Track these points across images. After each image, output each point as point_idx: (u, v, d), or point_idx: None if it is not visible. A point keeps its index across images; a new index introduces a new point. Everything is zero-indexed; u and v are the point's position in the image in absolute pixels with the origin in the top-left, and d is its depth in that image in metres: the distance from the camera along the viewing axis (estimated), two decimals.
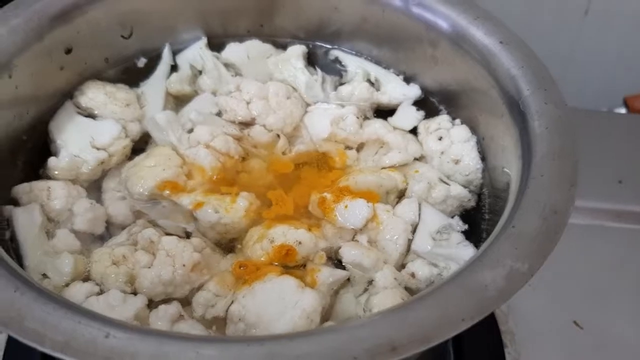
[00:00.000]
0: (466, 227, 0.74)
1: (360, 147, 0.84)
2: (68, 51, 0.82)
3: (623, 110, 1.50)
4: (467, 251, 0.70)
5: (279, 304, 0.63)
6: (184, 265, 0.66)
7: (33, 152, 0.79)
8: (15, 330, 0.48)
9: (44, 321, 0.49)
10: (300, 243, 0.69)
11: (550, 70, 0.81)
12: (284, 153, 0.82)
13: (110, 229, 0.75)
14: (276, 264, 0.69)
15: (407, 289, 0.68)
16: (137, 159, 0.78)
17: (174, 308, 0.63)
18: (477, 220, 0.76)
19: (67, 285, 0.66)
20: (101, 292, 0.65)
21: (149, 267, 0.66)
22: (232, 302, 0.65)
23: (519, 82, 0.72)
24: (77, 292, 0.64)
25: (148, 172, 0.75)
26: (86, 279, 0.68)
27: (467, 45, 0.79)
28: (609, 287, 1.08)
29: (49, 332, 0.48)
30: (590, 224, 1.17)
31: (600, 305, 1.06)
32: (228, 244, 0.74)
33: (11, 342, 0.87)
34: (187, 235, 0.73)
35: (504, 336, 0.99)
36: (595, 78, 1.69)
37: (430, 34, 0.83)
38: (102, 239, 0.74)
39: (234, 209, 0.72)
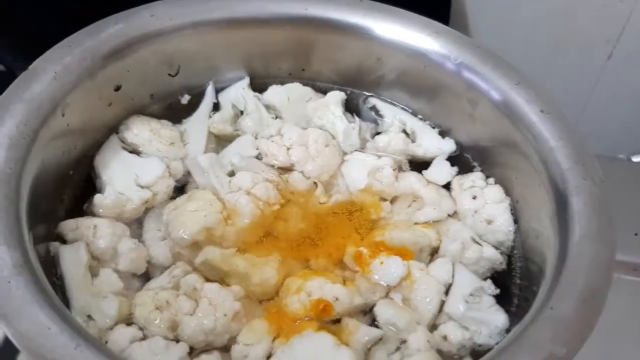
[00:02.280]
0: (498, 291, 0.76)
1: (394, 199, 0.86)
2: (117, 88, 0.84)
3: None
4: (499, 316, 0.72)
5: None
6: (225, 315, 0.68)
7: (78, 187, 0.81)
8: None
9: None
10: (337, 299, 0.71)
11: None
12: (320, 202, 0.84)
13: (149, 268, 0.77)
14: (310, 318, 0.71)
15: (438, 351, 0.70)
16: (179, 201, 0.80)
17: (214, 359, 0.65)
18: (507, 283, 0.78)
19: (111, 328, 0.68)
20: (144, 337, 0.67)
21: (192, 315, 0.68)
22: (271, 355, 0.67)
23: (557, 155, 0.74)
24: (121, 337, 0.66)
25: (189, 217, 0.76)
26: (129, 321, 0.69)
27: (507, 109, 0.81)
28: (624, 339, 1.10)
29: None
30: None
31: (614, 358, 1.08)
32: None
33: None
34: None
35: None
36: (614, 124, 1.71)
37: (470, 93, 0.85)
38: (142, 278, 0.76)
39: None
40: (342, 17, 0.88)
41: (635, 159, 1.53)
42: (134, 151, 0.85)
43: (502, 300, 0.75)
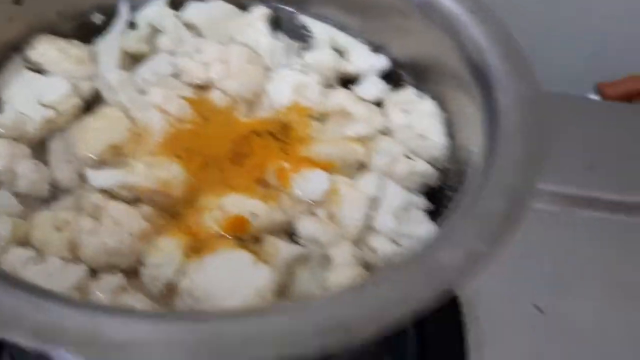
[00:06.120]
0: (429, 205, 0.71)
1: (323, 118, 0.80)
2: (17, 1, 0.77)
3: (595, 97, 1.49)
4: (429, 230, 0.68)
5: (230, 280, 0.60)
6: (131, 234, 0.63)
7: None
8: None
9: None
10: (254, 214, 0.66)
11: None
12: (243, 121, 0.78)
13: (56, 193, 0.71)
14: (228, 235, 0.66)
15: (366, 265, 0.66)
16: (85, 120, 0.74)
17: (117, 280, 0.60)
18: (440, 198, 0.73)
19: (4, 250, 0.62)
20: (41, 259, 0.62)
21: (94, 234, 0.63)
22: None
23: (487, 55, 0.70)
24: (15, 258, 0.60)
25: (94, 135, 0.71)
26: (26, 244, 0.64)
27: (437, 14, 0.76)
28: (573, 273, 1.08)
29: None
30: (559, 210, 1.15)
31: (563, 291, 1.06)
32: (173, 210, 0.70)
33: None
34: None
35: (466, 318, 0.99)
36: (568, 62, 1.68)
37: (401, 2, 0.80)
38: (48, 202, 0.70)
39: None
40: None
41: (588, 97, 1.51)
42: (39, 71, 0.78)
43: (436, 214, 0.71)
